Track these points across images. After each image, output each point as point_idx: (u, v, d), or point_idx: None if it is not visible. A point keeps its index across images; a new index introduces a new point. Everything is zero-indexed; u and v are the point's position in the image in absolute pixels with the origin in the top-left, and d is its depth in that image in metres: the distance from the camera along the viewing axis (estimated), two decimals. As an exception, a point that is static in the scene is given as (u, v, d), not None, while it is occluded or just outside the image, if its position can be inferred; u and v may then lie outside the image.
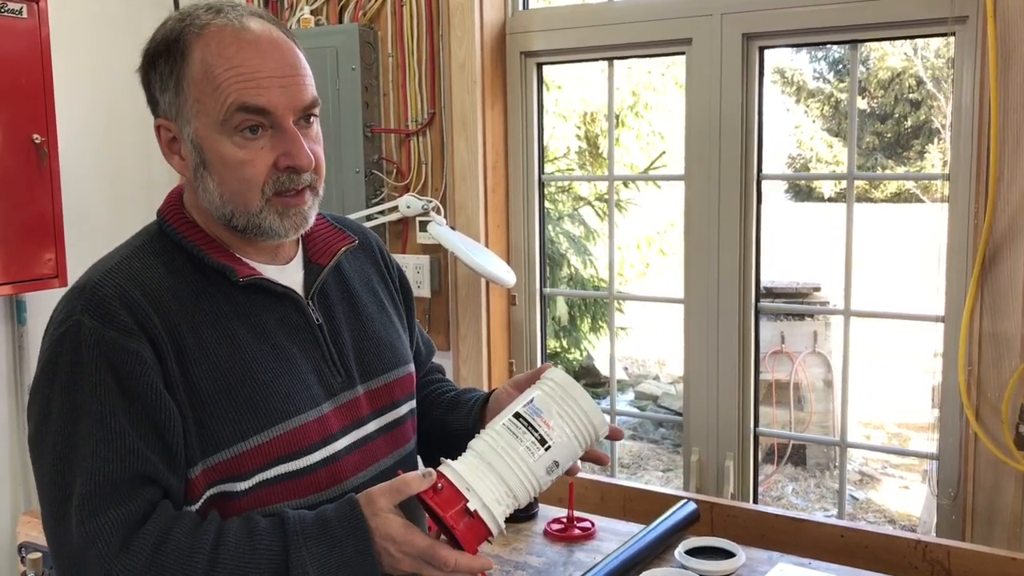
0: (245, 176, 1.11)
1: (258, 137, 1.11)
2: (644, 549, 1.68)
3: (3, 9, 2.21)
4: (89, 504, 1.01)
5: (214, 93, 1.10)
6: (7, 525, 2.49)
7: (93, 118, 2.66)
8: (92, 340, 1.05)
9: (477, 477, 1.09)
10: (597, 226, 6.60)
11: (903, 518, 5.21)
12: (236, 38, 1.10)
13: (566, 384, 1.17)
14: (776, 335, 5.89)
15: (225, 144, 1.11)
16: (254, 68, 1.10)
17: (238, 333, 1.14)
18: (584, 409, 1.15)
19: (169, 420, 1.06)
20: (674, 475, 5.82)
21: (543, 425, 1.13)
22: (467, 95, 2.45)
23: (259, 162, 1.11)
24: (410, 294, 1.45)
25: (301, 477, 1.14)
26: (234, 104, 1.09)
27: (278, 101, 1.10)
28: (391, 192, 2.58)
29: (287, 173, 1.12)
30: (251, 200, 1.12)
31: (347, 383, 1.23)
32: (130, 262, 1.14)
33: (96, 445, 1.03)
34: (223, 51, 1.10)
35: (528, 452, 1.11)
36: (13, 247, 2.28)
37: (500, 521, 1.09)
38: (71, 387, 1.05)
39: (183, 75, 1.11)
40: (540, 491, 1.14)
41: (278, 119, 1.11)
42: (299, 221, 1.16)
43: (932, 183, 2.13)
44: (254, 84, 1.09)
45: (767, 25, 2.15)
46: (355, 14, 2.58)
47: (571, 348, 6.62)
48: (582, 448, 1.17)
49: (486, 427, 1.17)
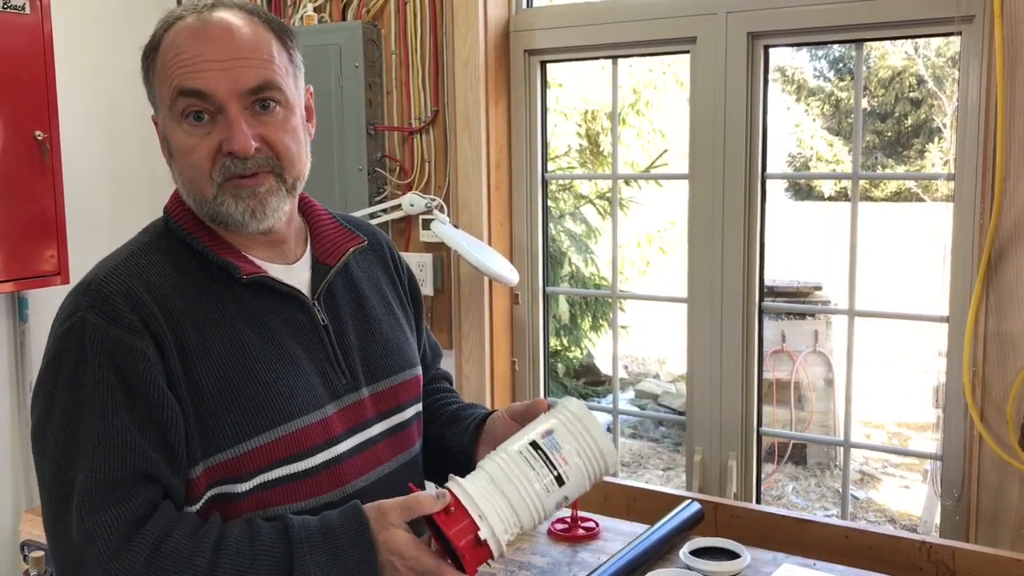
0: (192, 162, 1.12)
1: (203, 124, 1.11)
2: (649, 549, 1.68)
3: (6, 5, 2.20)
4: (89, 501, 1.01)
5: (163, 81, 1.12)
6: (9, 523, 2.49)
7: (95, 115, 2.65)
8: (96, 337, 1.05)
9: (488, 503, 1.07)
10: (598, 224, 6.59)
11: (903, 517, 5.21)
12: (191, 29, 1.12)
13: (586, 420, 1.15)
14: (777, 334, 5.89)
15: (176, 131, 1.12)
16: (195, 53, 1.10)
17: (242, 332, 1.13)
18: (602, 450, 1.14)
19: (171, 419, 1.06)
20: (675, 474, 5.82)
21: (561, 462, 1.11)
22: (470, 93, 2.44)
23: (203, 148, 1.11)
24: (419, 296, 1.44)
25: (303, 479, 1.13)
26: (175, 89, 1.10)
27: (216, 85, 1.09)
28: (394, 190, 2.57)
29: (230, 158, 1.11)
30: (204, 187, 1.12)
31: (352, 385, 1.22)
32: (136, 259, 1.14)
33: (97, 442, 1.02)
34: (175, 41, 1.11)
35: (544, 490, 1.10)
36: (15, 244, 2.27)
37: (504, 544, 1.08)
38: (74, 383, 1.05)
39: (153, 69, 1.14)
40: (545, 518, 1.13)
41: (218, 103, 1.10)
42: (255, 205, 1.13)
43: (934, 182, 2.13)
44: (192, 68, 1.09)
45: (772, 24, 2.15)
46: (358, 11, 2.58)
47: (572, 346, 6.62)
48: (590, 484, 1.15)
49: (499, 449, 1.14)
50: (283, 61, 1.15)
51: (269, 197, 1.14)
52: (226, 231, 1.17)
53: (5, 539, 2.48)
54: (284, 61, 1.15)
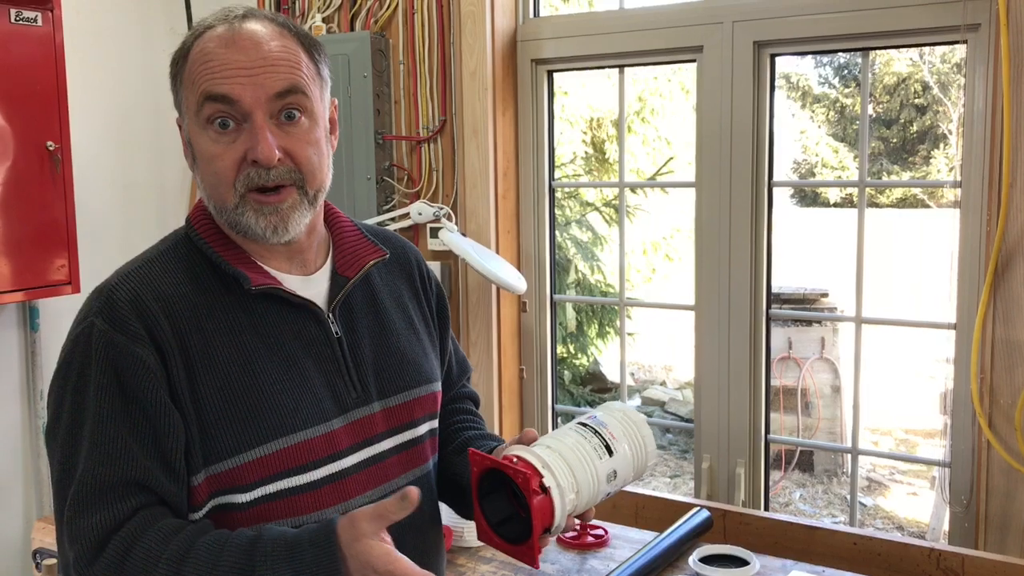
0: (216, 170, 1.12)
1: (229, 131, 1.11)
2: (658, 557, 1.68)
3: (18, 17, 2.22)
4: (77, 505, 1.02)
5: (190, 87, 1.13)
6: (22, 531, 2.50)
7: (106, 125, 2.67)
8: (101, 343, 1.06)
9: (552, 460, 1.10)
10: (604, 231, 6.60)
11: (911, 524, 5.20)
12: (220, 37, 1.12)
13: (627, 410, 1.20)
14: (784, 341, 5.89)
15: (201, 138, 1.13)
16: (223, 60, 1.10)
17: (249, 343, 1.13)
18: (643, 435, 1.18)
19: (169, 427, 1.06)
20: (682, 481, 5.82)
21: (609, 436, 1.15)
22: (478, 102, 2.45)
23: (228, 156, 1.11)
24: (446, 312, 1.42)
25: (304, 493, 1.12)
26: (202, 94, 1.11)
27: (242, 92, 1.10)
28: (402, 199, 2.59)
29: (254, 168, 1.11)
30: (225, 196, 1.12)
31: (362, 399, 1.20)
32: (151, 266, 1.15)
33: (92, 447, 1.04)
34: (204, 48, 1.12)
35: (594, 451, 1.13)
36: (26, 253, 2.29)
37: (565, 509, 1.09)
38: (79, 388, 1.07)
39: (182, 74, 1.15)
40: (597, 497, 1.15)
41: (245, 110, 1.10)
42: (276, 221, 1.12)
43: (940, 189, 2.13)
44: (220, 74, 1.10)
45: (778, 33, 2.16)
46: (367, 22, 2.59)
47: (578, 354, 6.62)
48: (634, 471, 1.18)
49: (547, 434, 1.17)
50: (311, 72, 1.16)
51: (292, 212, 1.14)
52: (244, 240, 1.17)
53: (18, 547, 2.49)
54: (312, 72, 1.16)
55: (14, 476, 2.50)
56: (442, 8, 2.48)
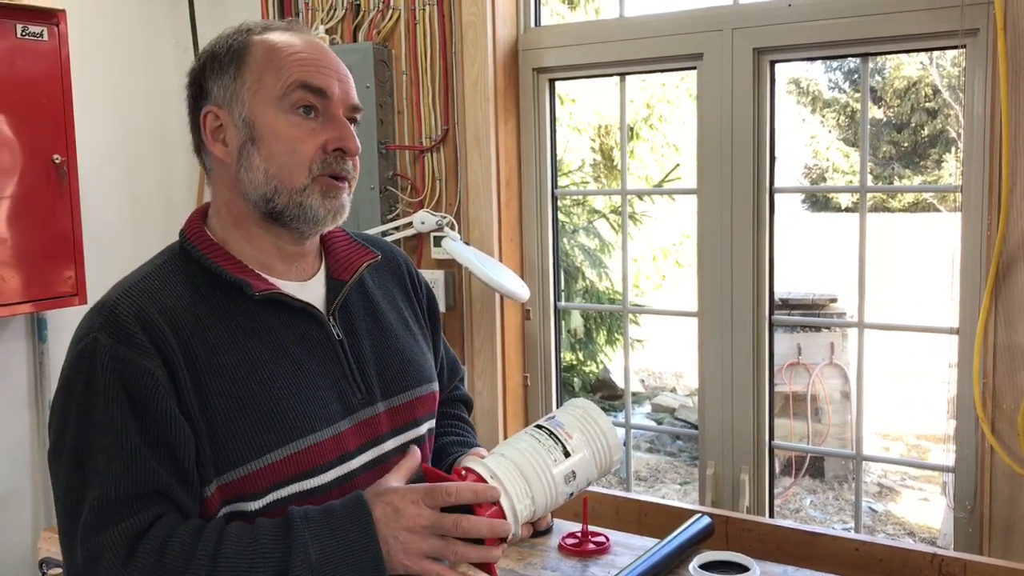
0: (295, 149, 1.16)
1: (311, 119, 1.17)
2: (658, 563, 1.68)
3: (25, 32, 2.25)
4: (100, 517, 1.03)
5: (276, 72, 1.17)
6: (29, 541, 2.52)
7: (112, 138, 2.70)
8: (107, 358, 1.06)
9: (501, 470, 1.10)
10: (612, 239, 6.61)
11: (923, 530, 5.17)
12: (303, 38, 1.21)
13: (587, 407, 1.20)
14: (793, 347, 5.87)
15: (280, 119, 1.16)
16: (316, 57, 1.19)
17: (254, 350, 1.14)
18: (602, 429, 1.18)
19: (181, 438, 1.07)
20: (691, 488, 5.80)
21: (565, 436, 1.15)
22: (480, 111, 2.47)
23: (311, 140, 1.16)
24: (437, 313, 1.44)
25: (315, 496, 1.14)
26: (296, 82, 1.16)
27: (335, 90, 1.18)
28: (406, 208, 2.60)
29: (335, 155, 1.17)
30: (297, 175, 1.16)
31: (367, 400, 1.22)
32: (150, 280, 1.16)
33: (109, 461, 1.04)
34: (288, 41, 1.19)
35: (548, 453, 1.13)
36: (34, 266, 2.31)
37: (519, 519, 1.09)
38: (86, 404, 1.07)
39: (244, 61, 1.18)
40: (556, 500, 1.14)
41: (332, 106, 1.18)
42: (337, 207, 1.19)
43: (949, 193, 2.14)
44: (315, 68, 1.18)
45: (778, 39, 2.16)
46: (369, 33, 2.61)
47: (587, 361, 6.62)
48: (597, 469, 1.18)
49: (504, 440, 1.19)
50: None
51: (346, 205, 1.21)
52: (253, 244, 1.19)
53: (25, 557, 2.51)
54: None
55: (22, 486, 2.52)
56: (444, 18, 2.50)
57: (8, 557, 2.49)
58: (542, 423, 1.18)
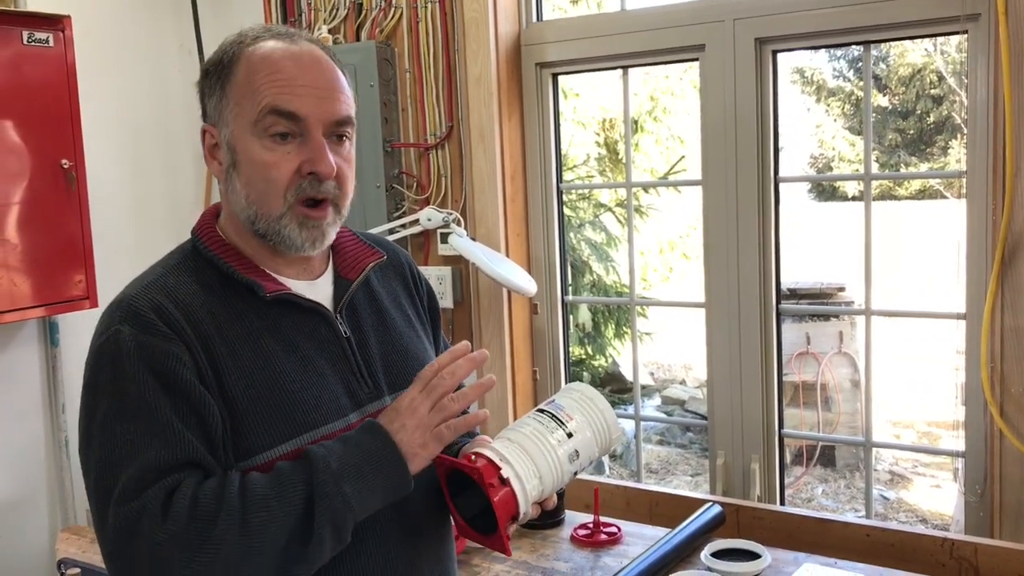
0: (270, 177, 1.15)
1: (286, 143, 1.16)
2: (670, 552, 1.70)
3: (31, 38, 2.27)
4: (137, 486, 1.05)
5: (252, 95, 1.16)
6: (46, 542, 2.54)
7: (119, 142, 2.71)
8: (132, 345, 1.09)
9: (509, 452, 1.16)
10: (618, 232, 6.61)
11: (935, 517, 5.17)
12: (283, 51, 1.17)
13: (584, 389, 1.25)
14: (802, 336, 5.86)
15: (255, 145, 1.16)
16: (291, 76, 1.15)
17: (268, 346, 1.17)
18: (600, 409, 1.23)
19: (211, 414, 1.10)
20: (703, 479, 5.81)
21: (566, 418, 1.20)
22: (484, 107, 2.48)
23: (284, 166, 1.15)
24: (437, 310, 1.47)
25: None
26: (267, 106, 1.14)
27: (309, 110, 1.15)
28: (412, 205, 2.61)
29: (309, 179, 1.16)
30: (273, 203, 1.16)
31: (374, 394, 1.25)
32: (165, 279, 1.18)
33: (144, 439, 1.06)
34: (266, 58, 1.16)
35: (552, 435, 1.18)
36: (45, 270, 2.33)
37: (529, 498, 1.14)
38: (115, 392, 1.09)
39: (228, 81, 1.18)
40: (562, 479, 1.19)
41: (307, 127, 1.15)
42: (317, 235, 1.19)
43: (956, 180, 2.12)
44: (288, 90, 1.15)
45: (779, 29, 2.17)
46: (372, 32, 2.62)
47: (596, 355, 6.63)
48: (599, 448, 1.22)
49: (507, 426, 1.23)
50: (352, 100, 1.22)
51: (329, 229, 1.21)
52: (259, 247, 1.21)
53: (43, 557, 2.54)
54: (353, 98, 1.23)
55: (38, 488, 2.54)
56: (446, 16, 2.51)
57: (25, 559, 2.51)
58: (543, 407, 1.23)
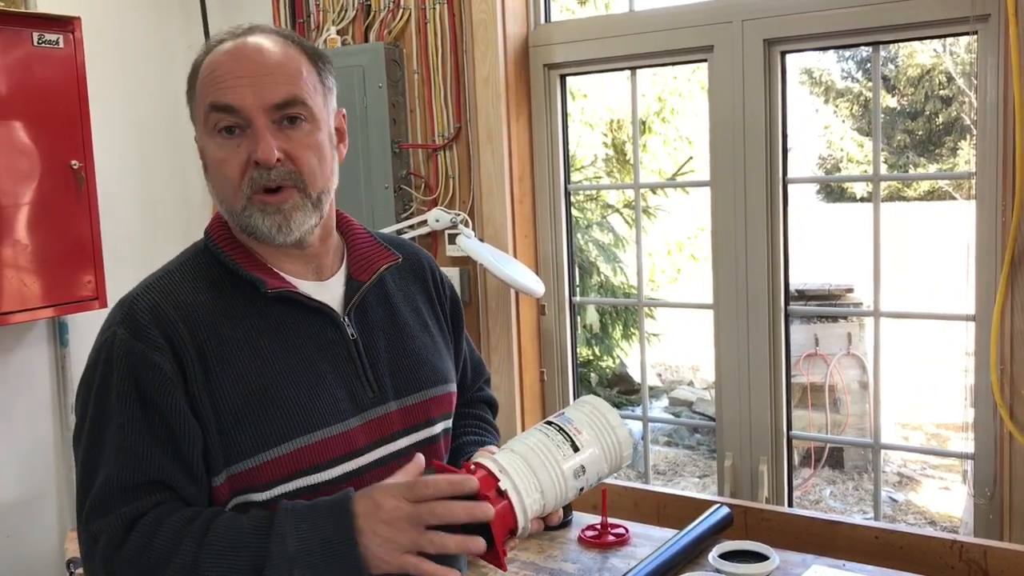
0: (224, 173, 1.16)
1: (234, 137, 1.15)
2: (678, 554, 1.69)
3: (41, 40, 2.28)
4: (103, 503, 1.07)
5: (200, 96, 1.18)
6: (56, 541, 2.55)
7: (129, 143, 2.72)
8: (122, 351, 1.11)
9: (510, 464, 1.11)
10: (626, 233, 6.60)
11: (944, 519, 5.15)
12: (226, 50, 1.18)
13: (597, 403, 1.21)
14: (810, 338, 5.85)
15: (210, 144, 1.18)
16: (227, 71, 1.16)
17: (267, 346, 1.17)
18: (611, 425, 1.18)
19: (187, 431, 1.10)
20: (710, 481, 5.80)
21: (574, 432, 1.16)
22: (492, 108, 2.48)
23: (233, 160, 1.15)
24: (460, 315, 1.45)
25: (321, 490, 1.15)
26: (208, 104, 1.16)
27: (243, 99, 1.14)
28: (420, 206, 2.62)
29: (256, 169, 1.15)
30: (234, 199, 1.17)
31: (379, 399, 1.24)
32: (171, 277, 1.19)
33: (116, 450, 1.09)
34: (212, 61, 1.18)
35: (557, 449, 1.13)
36: (54, 270, 2.34)
37: (528, 512, 1.10)
38: (101, 394, 1.12)
39: (192, 88, 1.21)
40: (566, 495, 1.15)
41: (247, 116, 1.14)
42: (280, 220, 1.16)
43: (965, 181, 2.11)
44: (224, 84, 1.15)
45: (788, 30, 2.16)
46: (380, 33, 2.63)
47: (603, 356, 6.62)
48: (607, 464, 1.18)
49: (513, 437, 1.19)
50: (312, 80, 1.19)
51: (294, 212, 1.17)
52: (259, 244, 1.21)
53: (53, 557, 2.55)
54: (314, 80, 1.20)
55: (47, 488, 2.55)
56: (454, 17, 2.51)
57: (35, 558, 2.52)
58: (552, 419, 1.19)
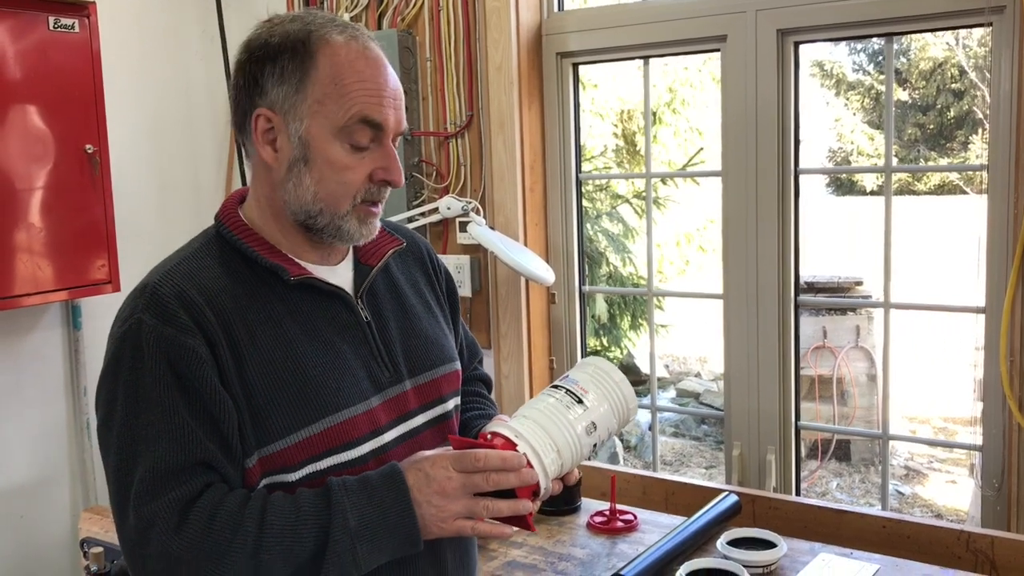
0: (345, 180, 1.18)
1: (364, 149, 1.18)
2: (686, 540, 1.71)
3: (57, 24, 2.29)
4: (151, 488, 1.08)
5: (340, 99, 1.16)
6: (69, 522, 2.57)
7: (142, 127, 2.73)
8: (152, 337, 1.11)
9: (525, 429, 1.16)
10: (635, 224, 6.60)
11: (950, 512, 5.16)
12: (363, 55, 1.18)
13: (599, 363, 1.25)
14: (818, 330, 5.85)
15: (336, 148, 1.17)
16: (379, 85, 1.17)
17: (290, 330, 1.18)
18: (616, 381, 1.23)
19: (224, 412, 1.12)
20: (717, 472, 5.81)
21: (581, 392, 1.21)
22: (504, 97, 2.48)
23: (360, 170, 1.18)
24: (456, 297, 1.49)
25: (351, 468, 1.18)
26: (358, 115, 1.16)
27: (388, 120, 1.18)
28: (431, 194, 2.62)
29: (379, 186, 1.20)
30: (342, 203, 1.19)
31: (395, 378, 1.27)
32: (188, 263, 1.20)
33: (159, 435, 1.09)
34: (353, 63, 1.17)
35: (568, 409, 1.19)
36: (68, 254, 2.35)
37: (548, 473, 1.15)
38: (133, 382, 1.11)
39: (308, 75, 1.16)
40: (582, 452, 1.20)
41: (384, 136, 1.19)
42: (371, 229, 1.23)
43: (976, 174, 2.11)
44: (378, 100, 1.17)
45: (802, 20, 2.16)
46: (393, 20, 2.63)
47: (611, 346, 6.63)
48: (616, 420, 1.23)
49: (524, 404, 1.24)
50: None
51: (377, 225, 1.26)
52: (292, 234, 1.23)
53: (66, 537, 2.57)
54: None
55: (61, 469, 2.57)
56: (467, 4, 2.51)
57: (49, 538, 2.55)
58: (558, 383, 1.23)
